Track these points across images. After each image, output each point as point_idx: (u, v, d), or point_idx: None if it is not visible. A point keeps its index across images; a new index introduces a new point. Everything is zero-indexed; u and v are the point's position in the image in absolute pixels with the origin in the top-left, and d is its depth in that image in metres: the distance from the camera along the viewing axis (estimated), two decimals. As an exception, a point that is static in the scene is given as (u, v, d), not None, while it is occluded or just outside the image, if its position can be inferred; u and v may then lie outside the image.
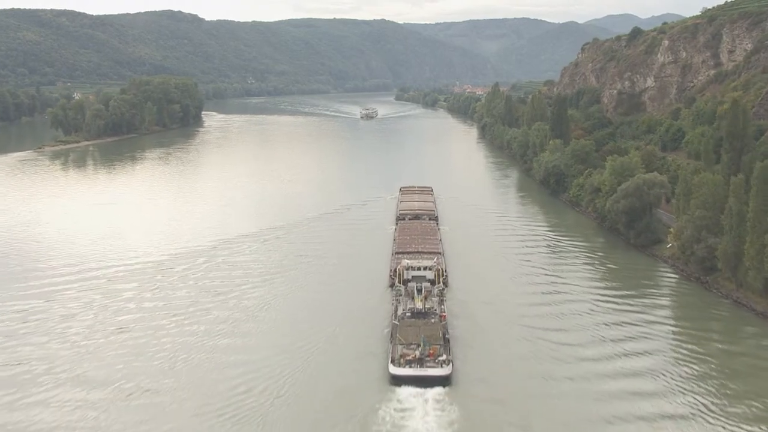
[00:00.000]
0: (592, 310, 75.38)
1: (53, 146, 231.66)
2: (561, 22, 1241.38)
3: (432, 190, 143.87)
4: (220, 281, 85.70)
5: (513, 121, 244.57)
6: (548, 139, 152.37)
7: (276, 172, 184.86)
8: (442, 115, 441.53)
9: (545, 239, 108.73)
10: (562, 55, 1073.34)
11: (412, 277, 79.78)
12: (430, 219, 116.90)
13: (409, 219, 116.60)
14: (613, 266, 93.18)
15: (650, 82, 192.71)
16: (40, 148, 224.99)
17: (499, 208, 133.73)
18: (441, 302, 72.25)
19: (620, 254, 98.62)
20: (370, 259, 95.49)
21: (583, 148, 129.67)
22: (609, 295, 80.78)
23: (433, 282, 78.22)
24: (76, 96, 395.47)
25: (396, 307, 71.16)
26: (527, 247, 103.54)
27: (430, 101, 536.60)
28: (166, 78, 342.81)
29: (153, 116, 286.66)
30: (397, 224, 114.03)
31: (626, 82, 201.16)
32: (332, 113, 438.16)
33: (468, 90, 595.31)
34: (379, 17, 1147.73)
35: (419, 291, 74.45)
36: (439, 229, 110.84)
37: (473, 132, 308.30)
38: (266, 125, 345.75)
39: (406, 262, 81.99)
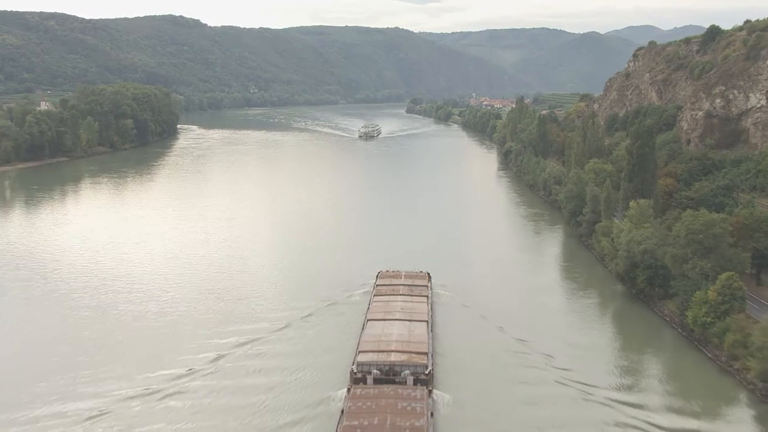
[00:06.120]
0: None
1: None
2: (581, 33, 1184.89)
3: (428, 282, 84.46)
4: None
5: (547, 148, 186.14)
6: (623, 195, 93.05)
7: (193, 233, 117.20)
8: (455, 132, 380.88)
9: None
10: (582, 67, 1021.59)
11: None
12: (416, 380, 57.18)
13: (376, 381, 57.14)
14: None
15: (756, 100, 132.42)
16: None
17: (544, 336, 69.89)
18: None
19: None
20: None
21: (710, 228, 68.84)
22: None
23: None
24: (44, 106, 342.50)
25: None
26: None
27: (443, 115, 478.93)
28: (123, 86, 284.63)
29: (95, 134, 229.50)
30: (348, 395, 55.06)
31: (717, 100, 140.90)
32: (328, 129, 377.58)
33: (485, 102, 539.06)
34: (395, 27, 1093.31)
35: None
36: (431, 413, 52.00)
37: (492, 157, 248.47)
38: (241, 145, 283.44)
39: None
